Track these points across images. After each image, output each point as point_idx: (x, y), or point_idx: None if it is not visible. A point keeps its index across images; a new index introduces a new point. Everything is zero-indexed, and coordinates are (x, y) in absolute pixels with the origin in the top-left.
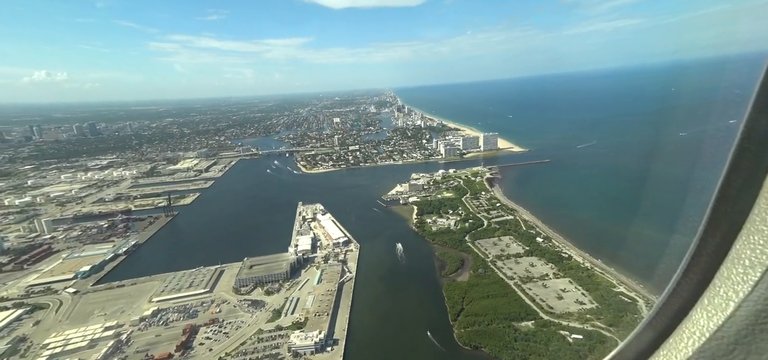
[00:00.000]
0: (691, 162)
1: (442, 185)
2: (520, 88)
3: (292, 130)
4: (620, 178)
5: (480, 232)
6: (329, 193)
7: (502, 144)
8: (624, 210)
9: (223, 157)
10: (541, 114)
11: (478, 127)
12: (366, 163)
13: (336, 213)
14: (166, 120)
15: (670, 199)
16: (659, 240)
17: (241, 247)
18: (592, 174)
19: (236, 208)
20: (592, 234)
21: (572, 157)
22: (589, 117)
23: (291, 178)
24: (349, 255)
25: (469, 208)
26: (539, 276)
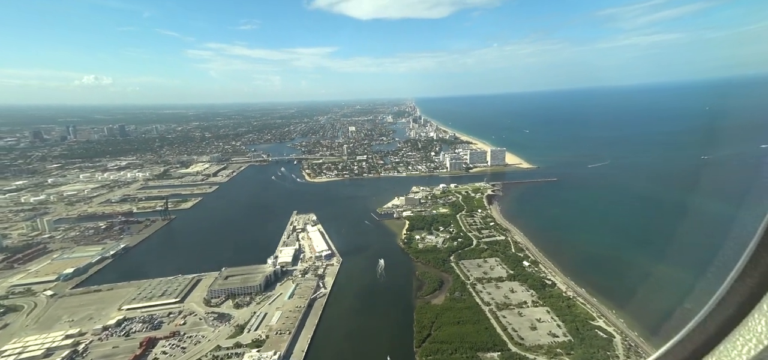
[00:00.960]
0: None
1: (439, 200)
2: (546, 101)
3: (307, 138)
4: (624, 203)
5: (467, 251)
6: (326, 203)
7: (512, 159)
8: (621, 237)
9: (234, 162)
10: (561, 129)
11: (492, 141)
12: (370, 174)
13: (328, 224)
14: (192, 124)
15: (674, 228)
16: (651, 271)
17: (226, 255)
18: (597, 196)
19: (232, 214)
20: (582, 261)
21: (581, 176)
22: (610, 134)
23: (293, 186)
24: (329, 269)
25: (461, 225)
26: (517, 303)
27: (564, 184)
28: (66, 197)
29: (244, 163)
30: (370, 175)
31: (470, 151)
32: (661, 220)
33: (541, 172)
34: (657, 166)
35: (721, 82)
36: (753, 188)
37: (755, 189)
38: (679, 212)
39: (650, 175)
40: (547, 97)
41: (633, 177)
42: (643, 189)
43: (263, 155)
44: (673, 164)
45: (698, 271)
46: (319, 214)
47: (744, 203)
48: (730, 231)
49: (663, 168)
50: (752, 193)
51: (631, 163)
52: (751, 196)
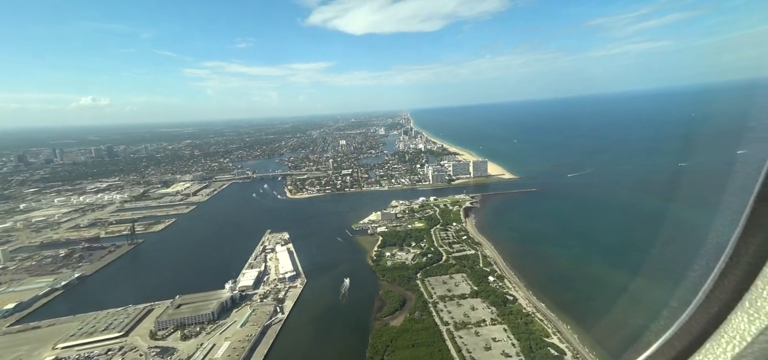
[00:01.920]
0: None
1: (417, 214)
2: (539, 110)
3: (296, 153)
4: (597, 213)
5: (435, 267)
6: (303, 221)
7: (495, 170)
8: (588, 248)
9: (217, 179)
10: (549, 138)
11: (479, 152)
12: (352, 189)
13: (300, 242)
14: (184, 142)
15: (642, 238)
16: (614, 283)
17: (188, 281)
18: (572, 207)
19: (204, 235)
20: (547, 274)
21: (560, 186)
22: (595, 143)
23: (273, 204)
24: (291, 292)
25: (434, 240)
26: (476, 321)
27: (542, 195)
28: (33, 224)
29: (227, 180)
30: (353, 189)
31: (454, 163)
32: (630, 229)
33: (521, 183)
34: (635, 174)
35: (708, 88)
36: (728, 193)
37: (730, 194)
38: (649, 221)
39: (627, 183)
40: (539, 106)
41: (610, 186)
42: (617, 198)
43: (248, 172)
44: (650, 172)
45: (664, 280)
46: (294, 231)
47: (719, 208)
48: (706, 235)
49: (640, 176)
50: (727, 198)
51: (611, 171)
52: (727, 200)
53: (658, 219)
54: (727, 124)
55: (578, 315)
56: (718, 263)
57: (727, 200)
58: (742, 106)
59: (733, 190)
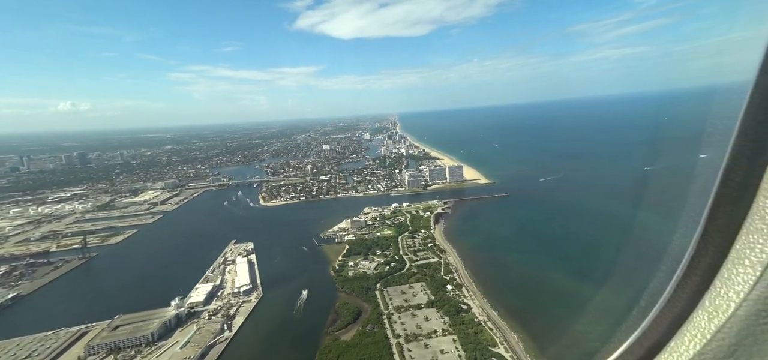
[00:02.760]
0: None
1: (387, 221)
2: (523, 114)
3: (278, 158)
4: (561, 217)
5: (396, 277)
6: (271, 229)
7: (471, 174)
8: (547, 253)
9: (190, 187)
10: (528, 142)
11: (460, 156)
12: (327, 195)
13: (265, 252)
14: (164, 147)
15: (601, 241)
16: (567, 288)
17: (136, 299)
18: (539, 211)
19: (164, 247)
20: (504, 280)
21: (531, 191)
22: (570, 147)
23: (244, 212)
24: (244, 307)
25: (400, 248)
26: (427, 333)
27: (512, 200)
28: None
29: (201, 188)
30: (328, 196)
31: (430, 168)
32: (590, 234)
33: (495, 188)
34: (602, 177)
35: (684, 93)
36: (689, 196)
37: (692, 197)
38: (610, 225)
39: (593, 187)
40: (524, 110)
41: (577, 190)
42: (581, 202)
43: (224, 179)
44: (617, 176)
45: (621, 285)
46: (260, 241)
47: (681, 211)
48: (669, 237)
49: (606, 180)
50: (689, 201)
51: (581, 175)
52: (688, 203)
53: (618, 223)
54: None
55: (528, 323)
56: (681, 264)
57: (688, 203)
58: (707, 110)
59: (694, 193)
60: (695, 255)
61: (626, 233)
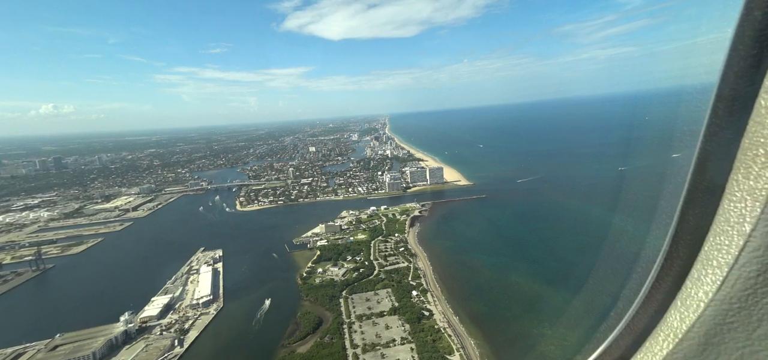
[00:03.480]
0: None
1: (362, 225)
2: (511, 114)
3: (262, 161)
4: (534, 220)
5: (363, 284)
6: (244, 235)
7: (453, 176)
8: (517, 256)
9: (167, 192)
10: (512, 143)
11: (444, 157)
12: (306, 199)
13: (233, 260)
14: (147, 151)
15: (570, 244)
16: (531, 292)
17: (87, 314)
18: (514, 212)
19: (129, 257)
20: (471, 284)
21: (509, 192)
22: (552, 147)
23: (219, 217)
24: (201, 320)
25: (371, 253)
26: (386, 342)
27: (489, 202)
28: None
29: (178, 193)
30: (308, 199)
31: (411, 170)
32: (560, 236)
33: (474, 189)
34: (579, 178)
35: (667, 92)
36: (662, 197)
37: (665, 197)
38: (580, 227)
39: (568, 188)
40: (513, 110)
41: (553, 190)
42: (556, 203)
43: (203, 183)
44: (593, 176)
45: (583, 286)
46: (231, 248)
47: (653, 211)
48: (641, 238)
49: (582, 180)
50: (662, 202)
51: (558, 176)
52: (661, 204)
53: (589, 224)
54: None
55: (488, 329)
56: (655, 265)
57: (661, 204)
58: (687, 111)
59: (666, 194)
60: (668, 256)
61: (596, 234)
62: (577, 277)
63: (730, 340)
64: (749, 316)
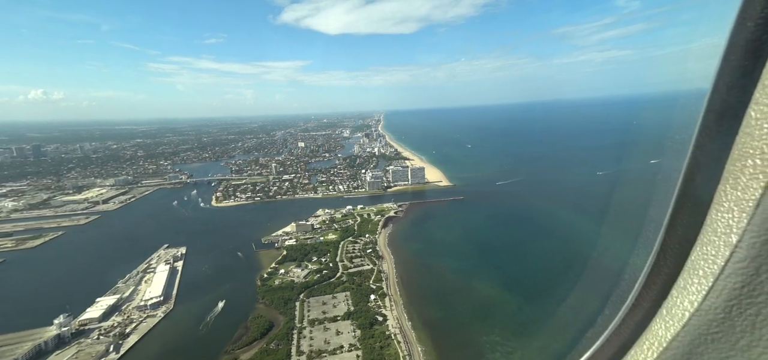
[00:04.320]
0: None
1: (335, 224)
2: (505, 114)
3: (250, 155)
4: (506, 223)
5: (324, 286)
6: (213, 232)
7: (435, 176)
8: (482, 260)
9: (144, 184)
10: (500, 143)
11: (431, 157)
12: (285, 196)
13: (195, 258)
14: (134, 140)
15: (535, 249)
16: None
17: (26, 315)
18: (489, 215)
19: (87, 253)
20: (432, 288)
21: (487, 194)
22: (540, 149)
23: (192, 213)
24: (146, 323)
25: (338, 254)
26: (334, 348)
27: (466, 203)
28: None
29: (155, 186)
30: (286, 196)
31: (393, 170)
32: (528, 241)
33: (453, 191)
34: (558, 181)
35: (661, 97)
36: (650, 205)
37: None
38: (550, 230)
39: (546, 191)
40: (508, 110)
41: (531, 193)
42: (531, 206)
43: (183, 176)
44: (572, 180)
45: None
46: (196, 245)
47: (623, 216)
48: (602, 245)
49: (561, 184)
50: (650, 210)
51: (539, 179)
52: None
53: (559, 229)
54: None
55: (439, 335)
56: (642, 272)
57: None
58: (672, 116)
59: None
60: (655, 264)
61: (563, 238)
62: (536, 283)
63: (713, 350)
64: (733, 328)
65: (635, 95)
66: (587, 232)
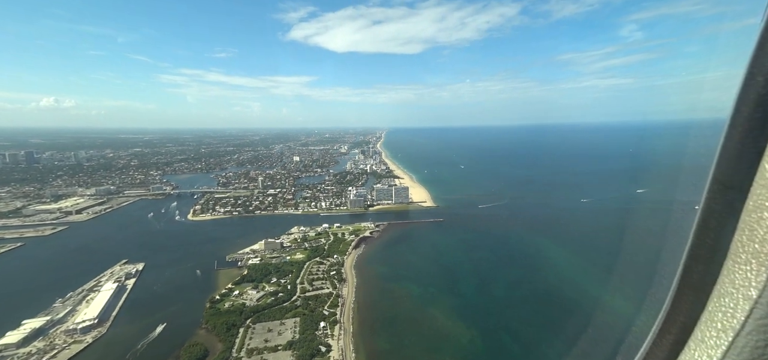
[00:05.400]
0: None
1: (307, 243)
2: (506, 136)
3: (242, 168)
4: (480, 248)
5: (274, 311)
6: (177, 248)
7: (421, 195)
8: (444, 287)
9: (125, 195)
10: (494, 165)
11: (422, 176)
12: (265, 211)
13: (152, 275)
14: (132, 150)
15: (499, 279)
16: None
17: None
18: (463, 239)
19: (40, 267)
20: (387, 316)
21: (467, 217)
22: (531, 173)
23: (165, 226)
24: (68, 350)
25: (300, 275)
26: None
27: (444, 226)
28: None
29: (137, 196)
30: (266, 211)
31: (377, 188)
32: (496, 267)
33: (434, 212)
34: (540, 206)
35: (663, 125)
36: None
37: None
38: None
39: (526, 216)
40: (510, 132)
41: (510, 218)
42: (508, 231)
43: (167, 187)
44: (554, 205)
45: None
46: (156, 261)
47: (598, 245)
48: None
49: (542, 209)
50: (662, 256)
51: (522, 203)
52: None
53: (529, 256)
54: (647, 161)
55: None
56: (656, 320)
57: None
58: (672, 145)
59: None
60: (671, 312)
61: (532, 268)
62: (494, 314)
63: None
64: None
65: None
66: (556, 262)
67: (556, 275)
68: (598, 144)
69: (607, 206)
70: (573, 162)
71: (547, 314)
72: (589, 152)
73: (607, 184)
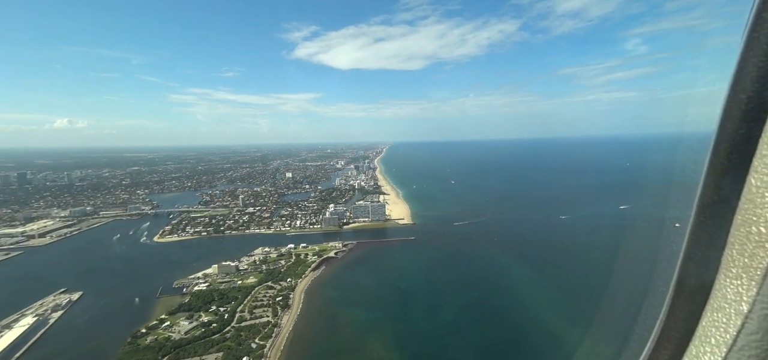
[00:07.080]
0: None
1: (266, 265)
2: (506, 149)
3: (233, 184)
4: (443, 269)
5: (199, 345)
6: (127, 273)
7: (400, 212)
8: (395, 314)
9: (101, 215)
10: (483, 180)
11: (410, 192)
12: (235, 231)
13: (86, 304)
14: (130, 168)
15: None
16: None
17: None
18: (430, 259)
19: None
20: (323, 347)
21: (440, 235)
22: (520, 187)
23: (125, 250)
24: None
25: (244, 302)
26: None
27: (414, 245)
28: None
29: (112, 217)
30: (236, 232)
31: (354, 206)
32: (453, 289)
33: (409, 230)
34: (516, 223)
35: (666, 138)
36: (656, 266)
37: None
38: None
39: (498, 234)
40: (512, 146)
41: (481, 237)
42: (477, 251)
43: (145, 207)
44: (531, 222)
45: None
46: (100, 288)
47: (568, 263)
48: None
49: (518, 226)
50: (655, 272)
51: (498, 220)
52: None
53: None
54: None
55: None
56: (650, 337)
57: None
58: (669, 159)
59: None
60: (665, 328)
61: (490, 289)
62: (440, 343)
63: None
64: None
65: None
66: (516, 282)
67: (513, 297)
68: (595, 157)
69: (586, 223)
70: (565, 175)
71: (493, 337)
72: (583, 166)
73: (592, 200)
